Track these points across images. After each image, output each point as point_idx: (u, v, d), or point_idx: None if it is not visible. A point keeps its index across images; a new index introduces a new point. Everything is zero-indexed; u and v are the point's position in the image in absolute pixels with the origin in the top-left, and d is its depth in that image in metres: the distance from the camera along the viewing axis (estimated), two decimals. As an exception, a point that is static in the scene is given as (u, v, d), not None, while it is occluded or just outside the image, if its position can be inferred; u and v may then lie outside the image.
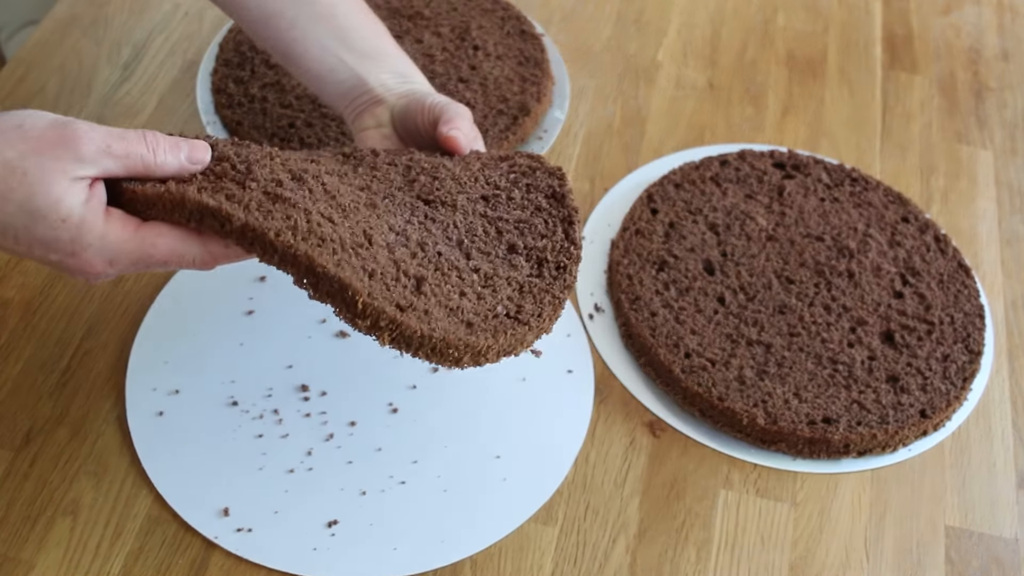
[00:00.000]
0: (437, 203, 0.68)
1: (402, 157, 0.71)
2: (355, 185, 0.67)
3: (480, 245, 0.67)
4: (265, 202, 0.59)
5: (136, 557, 0.70)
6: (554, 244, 0.68)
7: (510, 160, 0.73)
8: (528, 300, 0.65)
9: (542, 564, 0.72)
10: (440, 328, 0.60)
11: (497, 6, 1.06)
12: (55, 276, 0.84)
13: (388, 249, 0.63)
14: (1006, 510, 0.79)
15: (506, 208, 0.70)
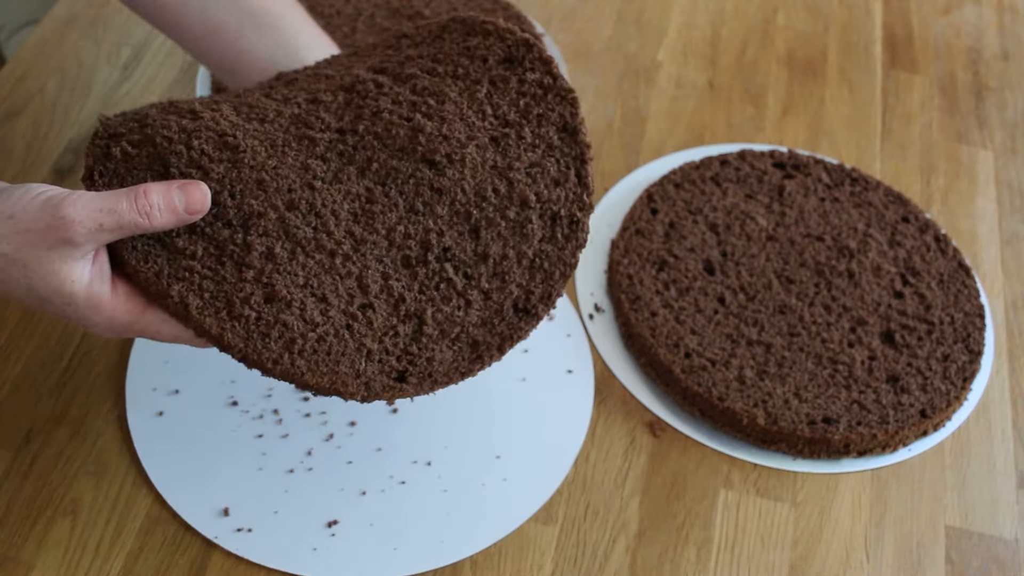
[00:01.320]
0: (444, 163, 0.63)
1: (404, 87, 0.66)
2: (352, 188, 0.63)
3: (490, 213, 0.64)
4: (264, 312, 0.59)
5: (136, 557, 0.70)
6: (567, 193, 0.65)
7: (519, 73, 0.67)
8: (538, 279, 0.64)
9: (542, 564, 0.72)
10: (442, 373, 0.61)
11: (497, 6, 1.06)
12: (55, 276, 0.84)
13: (388, 292, 0.62)
14: (1006, 510, 0.79)
15: (517, 151, 0.65)
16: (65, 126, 0.94)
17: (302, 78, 0.68)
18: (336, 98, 0.65)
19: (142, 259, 0.58)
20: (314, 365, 0.59)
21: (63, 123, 0.94)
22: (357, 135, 0.64)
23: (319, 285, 0.60)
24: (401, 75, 0.66)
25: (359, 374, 0.59)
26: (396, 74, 0.66)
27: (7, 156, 0.91)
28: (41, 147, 0.92)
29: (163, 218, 0.57)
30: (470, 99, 0.65)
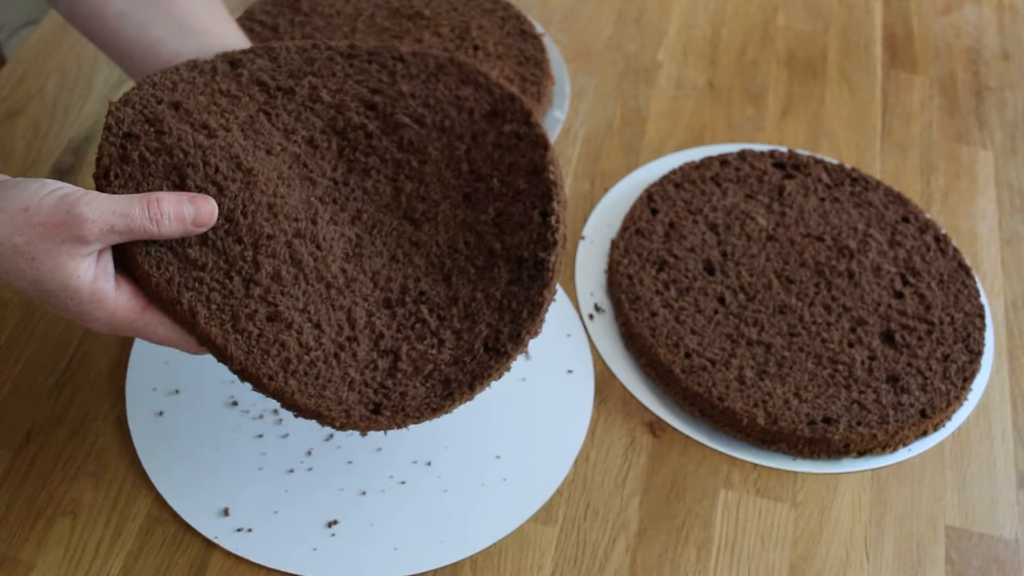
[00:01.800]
0: (423, 222, 0.69)
1: (392, 141, 0.70)
2: (345, 231, 0.67)
3: (460, 262, 0.68)
4: (266, 330, 0.61)
5: (136, 557, 0.70)
6: (531, 235, 0.67)
7: (498, 125, 0.71)
8: (507, 319, 0.66)
9: (542, 564, 0.72)
10: (414, 408, 0.63)
11: (497, 6, 1.06)
12: (55, 276, 0.84)
13: (370, 327, 0.65)
14: (1006, 510, 0.79)
15: (485, 203, 0.69)
16: (65, 126, 0.94)
17: (299, 89, 0.71)
18: (331, 145, 0.70)
19: (155, 265, 0.60)
20: (304, 387, 0.61)
21: (63, 123, 0.94)
22: (349, 187, 0.69)
23: (315, 312, 0.63)
24: (390, 120, 0.71)
25: (341, 401, 0.62)
26: (386, 117, 0.71)
27: (7, 156, 0.91)
28: (41, 147, 0.92)
29: (171, 227, 0.59)
30: (449, 157, 0.70)
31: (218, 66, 0.70)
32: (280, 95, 0.70)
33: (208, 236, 0.62)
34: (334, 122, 0.70)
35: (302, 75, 0.71)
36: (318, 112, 0.70)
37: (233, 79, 0.70)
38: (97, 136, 0.93)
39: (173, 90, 0.67)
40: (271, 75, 0.71)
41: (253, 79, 0.70)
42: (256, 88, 0.70)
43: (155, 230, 0.58)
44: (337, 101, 0.71)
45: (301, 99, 0.70)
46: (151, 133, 0.63)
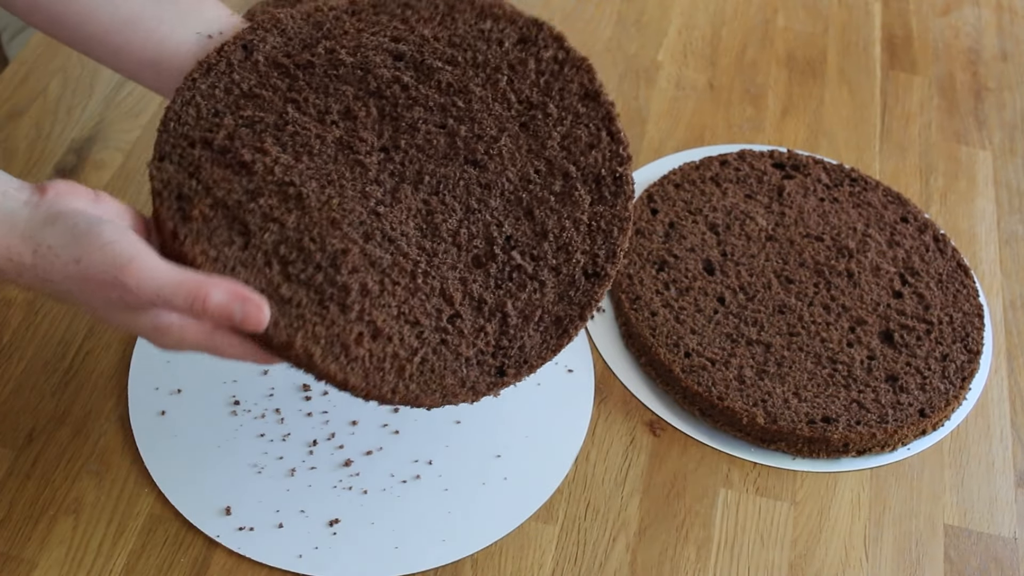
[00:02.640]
0: (485, 160, 0.67)
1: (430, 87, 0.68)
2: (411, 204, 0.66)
3: (538, 193, 0.67)
4: (374, 349, 0.62)
5: (138, 556, 0.70)
6: (603, 153, 0.68)
7: (535, 53, 0.70)
8: (599, 241, 0.67)
9: (543, 563, 0.73)
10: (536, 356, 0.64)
11: (498, 7, 1.06)
12: (57, 276, 0.84)
13: (469, 297, 0.65)
14: (1005, 509, 0.79)
15: (547, 129, 0.68)
16: (68, 126, 0.94)
17: (317, 60, 0.68)
18: (369, 110, 0.67)
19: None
20: (425, 386, 0.62)
21: (65, 123, 0.95)
22: (401, 150, 0.67)
23: (411, 309, 0.63)
24: (423, 67, 0.69)
25: (463, 382, 0.63)
26: (417, 65, 0.69)
27: (10, 156, 0.91)
28: (44, 147, 0.93)
29: (213, 320, 0.57)
30: (494, 90, 0.69)
31: (232, 57, 0.67)
32: (301, 73, 0.68)
33: (289, 272, 0.61)
34: (365, 83, 0.68)
35: (315, 42, 0.69)
36: (344, 78, 0.68)
37: (251, 69, 0.67)
38: (99, 137, 0.94)
39: (198, 120, 0.65)
40: (285, 52, 0.68)
41: (270, 62, 0.68)
42: (276, 73, 0.67)
43: (194, 317, 0.57)
44: (360, 60, 0.68)
45: (323, 69, 0.68)
46: (200, 190, 0.63)
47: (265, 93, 0.67)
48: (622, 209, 0.67)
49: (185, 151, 0.64)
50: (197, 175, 0.63)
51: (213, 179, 0.63)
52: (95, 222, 0.56)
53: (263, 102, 0.66)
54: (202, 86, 0.66)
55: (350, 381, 0.60)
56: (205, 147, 0.64)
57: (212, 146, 0.64)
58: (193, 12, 0.68)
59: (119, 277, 0.55)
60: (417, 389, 0.62)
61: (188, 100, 0.66)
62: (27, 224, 0.56)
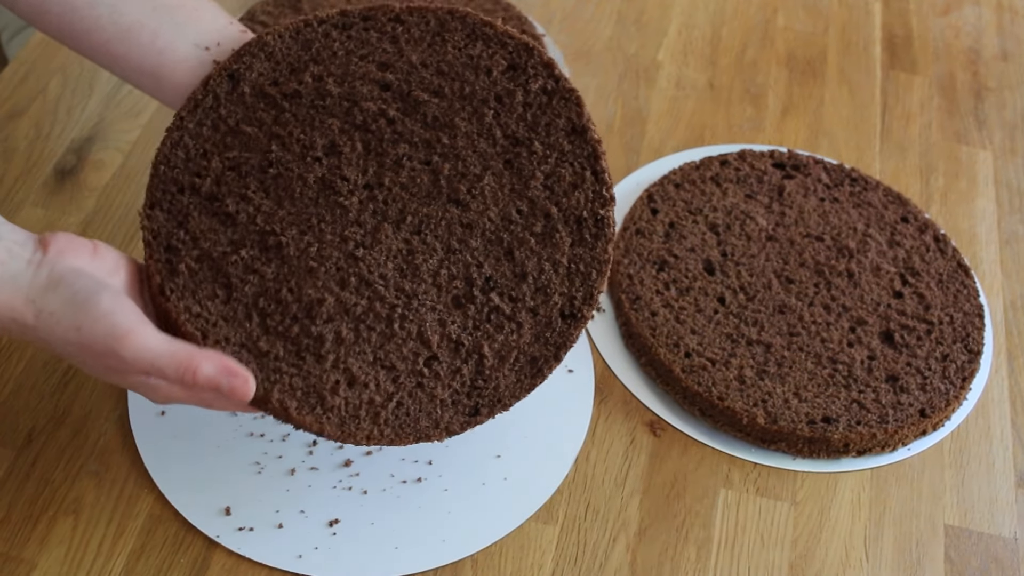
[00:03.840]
0: (469, 201, 0.67)
1: (416, 121, 0.67)
2: (392, 244, 0.66)
3: (519, 233, 0.67)
4: (350, 397, 0.64)
5: (138, 556, 0.70)
6: (586, 194, 0.68)
7: (523, 83, 0.68)
8: (577, 283, 0.67)
9: (543, 563, 0.73)
10: (509, 395, 0.66)
11: (498, 7, 1.06)
12: (57, 276, 0.84)
13: (446, 339, 0.65)
14: (1005, 509, 0.79)
15: (531, 167, 0.68)
16: (67, 126, 0.94)
17: (304, 89, 0.68)
18: (355, 145, 0.67)
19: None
20: (399, 429, 0.64)
21: (65, 123, 0.95)
22: (385, 188, 0.66)
23: (386, 355, 0.64)
24: (409, 99, 0.68)
25: (437, 423, 0.64)
26: (404, 97, 0.68)
27: (10, 156, 0.91)
28: (43, 147, 0.93)
29: (202, 389, 0.60)
30: (479, 125, 0.68)
31: (218, 90, 0.67)
32: (287, 104, 0.67)
33: (268, 324, 0.63)
34: (351, 116, 0.67)
35: (303, 67, 0.68)
36: (331, 109, 0.67)
37: (237, 102, 0.67)
38: (99, 137, 0.94)
39: (187, 163, 0.66)
40: (272, 79, 0.68)
41: (257, 92, 0.67)
42: (263, 104, 0.67)
43: (186, 387, 0.61)
44: (347, 90, 0.68)
45: (309, 99, 0.67)
46: (187, 241, 0.65)
47: (250, 129, 0.67)
48: (601, 252, 0.67)
49: (175, 198, 0.66)
50: (185, 225, 0.65)
51: (200, 229, 0.65)
52: (94, 291, 0.59)
53: (248, 140, 0.67)
54: (190, 125, 0.67)
55: (325, 430, 0.63)
56: (193, 194, 0.66)
57: (200, 193, 0.66)
58: (191, 23, 0.69)
59: (115, 348, 0.58)
60: (392, 433, 0.64)
61: (177, 141, 0.67)
62: (30, 287, 0.59)
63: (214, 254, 0.65)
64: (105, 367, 0.60)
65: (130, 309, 0.60)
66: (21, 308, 0.59)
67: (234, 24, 0.70)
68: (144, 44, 0.68)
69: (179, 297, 0.64)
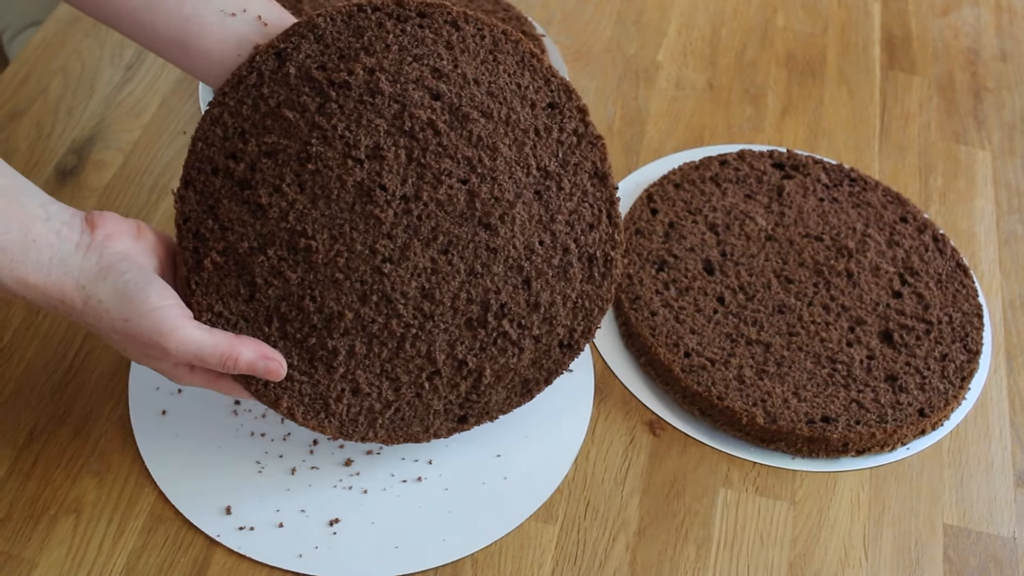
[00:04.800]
0: (497, 224, 0.67)
1: (461, 136, 0.66)
2: (419, 262, 0.66)
3: (539, 264, 0.69)
4: (352, 404, 0.68)
5: (139, 555, 0.71)
6: (601, 234, 0.70)
7: (559, 122, 0.70)
8: (580, 317, 0.71)
9: (542, 562, 0.73)
10: (496, 409, 0.70)
11: (498, 7, 1.06)
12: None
13: (452, 358, 0.68)
14: (1004, 509, 0.79)
15: (557, 202, 0.69)
16: (68, 127, 0.95)
17: (355, 80, 0.65)
18: (398, 152, 0.66)
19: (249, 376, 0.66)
20: (391, 432, 0.67)
21: (66, 124, 0.95)
22: (422, 202, 0.66)
23: (392, 369, 0.67)
24: (458, 113, 0.67)
25: (428, 428, 0.68)
26: (453, 110, 0.67)
27: (10, 156, 0.92)
28: (44, 148, 0.93)
29: (239, 371, 0.65)
30: (518, 153, 0.69)
31: (263, 68, 0.65)
32: (335, 92, 0.65)
33: (287, 330, 0.65)
34: (400, 120, 0.65)
35: (354, 55, 0.65)
36: (380, 109, 0.65)
37: (281, 82, 0.65)
38: (99, 137, 0.94)
39: (224, 142, 0.65)
40: (321, 63, 0.65)
41: (303, 75, 0.65)
42: (307, 88, 0.65)
43: (222, 371, 0.65)
44: (399, 91, 0.65)
45: (359, 93, 0.65)
46: (216, 231, 0.65)
47: (292, 115, 0.65)
48: (606, 291, 0.71)
49: (208, 179, 0.66)
50: (215, 211, 0.65)
51: (229, 218, 0.65)
52: (143, 284, 0.62)
53: (289, 126, 0.65)
54: (230, 102, 0.65)
55: (325, 431, 0.67)
56: (227, 178, 0.65)
57: (234, 177, 0.65)
58: None
59: (161, 343, 0.62)
60: (385, 435, 0.67)
61: (216, 118, 0.66)
62: (80, 272, 0.62)
63: (240, 249, 0.65)
64: (145, 354, 0.64)
65: (174, 303, 0.63)
66: (71, 293, 0.62)
67: None
68: (170, 11, 0.67)
69: (203, 293, 0.66)
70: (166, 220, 0.88)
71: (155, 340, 0.62)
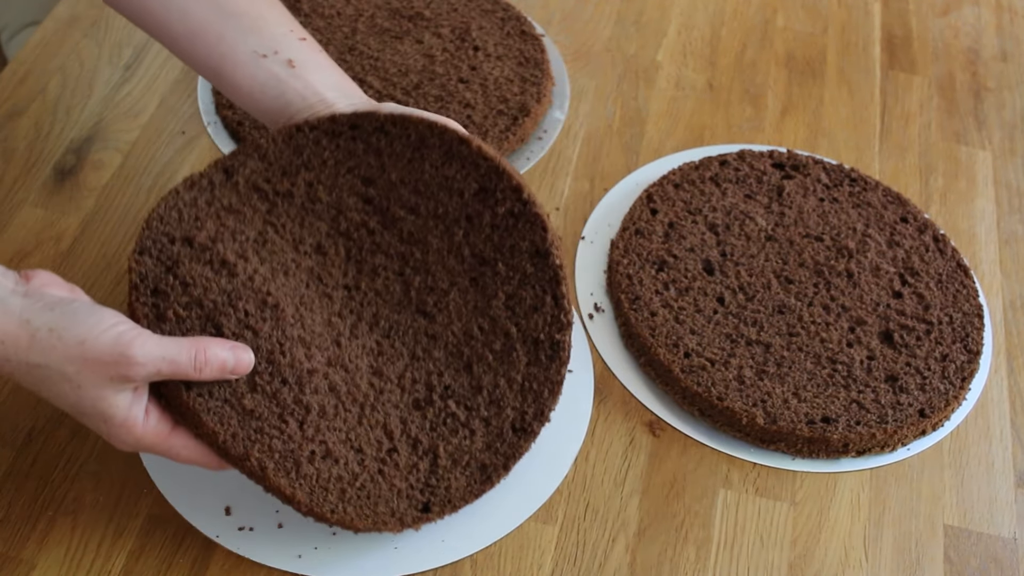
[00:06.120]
0: (435, 313, 0.71)
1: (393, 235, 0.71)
2: (366, 342, 0.70)
3: (478, 349, 0.71)
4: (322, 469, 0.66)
5: (137, 556, 0.70)
6: (545, 317, 0.71)
7: (492, 205, 0.71)
8: (529, 400, 0.71)
9: (542, 563, 0.73)
10: (459, 498, 0.69)
11: (497, 7, 1.06)
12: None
13: (407, 435, 0.69)
14: (1004, 509, 0.79)
15: (494, 287, 0.71)
16: (67, 126, 0.94)
17: (296, 191, 0.70)
18: (338, 250, 0.71)
19: (218, 421, 0.63)
20: (360, 510, 0.66)
21: (65, 123, 0.95)
22: (362, 292, 0.71)
23: (356, 437, 0.67)
24: (388, 214, 0.71)
25: (393, 512, 0.67)
26: (383, 212, 0.71)
27: (9, 156, 0.92)
28: (43, 147, 0.93)
29: (211, 374, 0.63)
30: (449, 243, 0.71)
31: (214, 178, 0.69)
32: (280, 200, 0.70)
33: (256, 382, 0.65)
34: (337, 223, 0.71)
35: (295, 171, 0.71)
36: (319, 214, 0.71)
37: (231, 190, 0.69)
38: (98, 137, 0.94)
39: (180, 222, 0.67)
40: (265, 178, 0.70)
41: (250, 185, 0.70)
42: (256, 196, 0.70)
43: (196, 376, 0.62)
44: (335, 199, 0.71)
45: (300, 201, 0.71)
46: (177, 287, 0.65)
47: (245, 211, 0.69)
48: (555, 373, 0.71)
49: (165, 247, 0.66)
50: (175, 270, 0.65)
51: (191, 276, 0.66)
52: (96, 308, 0.61)
53: (243, 218, 0.69)
54: (185, 196, 0.68)
55: (296, 496, 0.65)
56: (186, 244, 0.67)
57: (193, 244, 0.67)
58: (253, 31, 0.73)
59: (126, 352, 0.59)
60: (353, 512, 0.66)
61: (172, 205, 0.68)
62: (22, 310, 0.59)
63: (205, 303, 0.65)
64: (98, 382, 0.60)
65: (131, 323, 0.61)
66: (15, 330, 0.59)
67: (295, 31, 0.74)
68: (209, 45, 0.72)
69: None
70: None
71: (119, 352, 0.59)
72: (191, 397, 0.63)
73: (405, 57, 0.99)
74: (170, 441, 0.64)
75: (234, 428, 0.64)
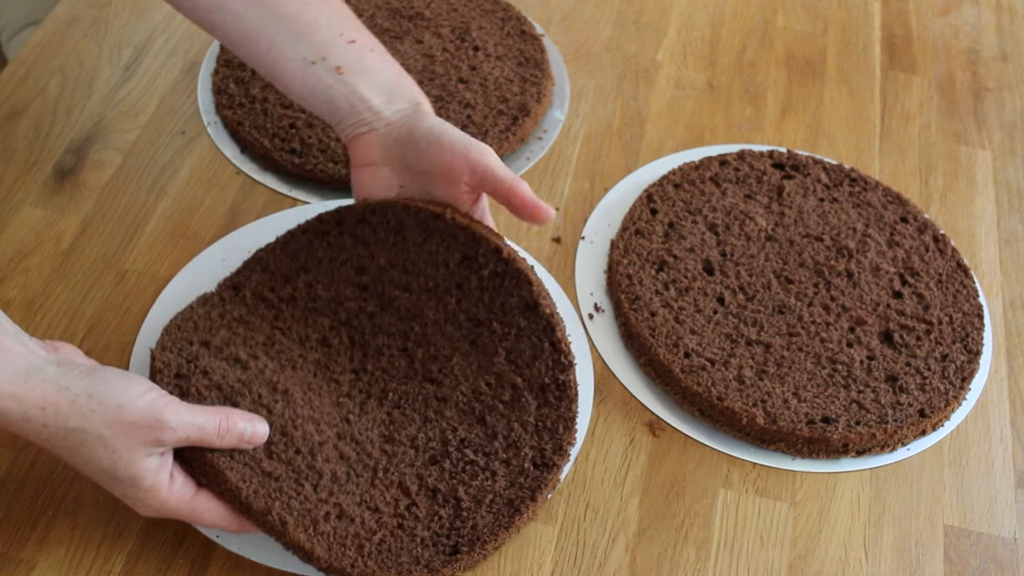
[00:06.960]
0: (442, 378, 0.74)
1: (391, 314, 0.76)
2: (376, 416, 0.74)
3: (488, 402, 0.74)
4: (338, 528, 0.68)
5: (137, 556, 0.70)
6: (546, 363, 0.73)
7: (476, 270, 0.74)
8: (546, 437, 0.72)
9: (542, 563, 0.73)
10: (488, 533, 0.69)
11: (497, 7, 1.06)
12: (56, 276, 0.84)
13: (424, 488, 0.71)
14: (1005, 509, 0.79)
15: (493, 345, 0.74)
16: (67, 126, 0.94)
17: (298, 294, 0.77)
18: (342, 339, 0.76)
19: (241, 478, 0.67)
20: (382, 563, 0.67)
21: (64, 123, 0.95)
22: (369, 372, 0.75)
23: (371, 498, 0.70)
24: (383, 297, 0.76)
25: (418, 560, 0.68)
26: (379, 295, 0.76)
27: (9, 156, 0.91)
28: (43, 147, 0.93)
29: (230, 441, 0.67)
30: (444, 312, 0.75)
31: (224, 295, 0.77)
32: (284, 305, 0.77)
33: (273, 450, 0.69)
34: (338, 315, 0.76)
35: (295, 275, 0.77)
36: (321, 310, 0.76)
37: (240, 303, 0.77)
38: (98, 137, 0.94)
39: (196, 330, 0.74)
40: (270, 287, 0.77)
41: (257, 296, 0.77)
42: (263, 305, 0.77)
43: (217, 443, 0.66)
44: (333, 293, 0.77)
45: (303, 303, 0.77)
46: (197, 373, 0.71)
47: (254, 320, 0.76)
48: (566, 410, 0.73)
49: (185, 346, 0.74)
50: (195, 362, 0.72)
51: (210, 367, 0.71)
52: (129, 375, 0.64)
53: (252, 326, 0.76)
54: (199, 311, 0.76)
55: (316, 551, 0.67)
56: (203, 346, 0.74)
57: (210, 346, 0.74)
58: (303, 36, 0.75)
59: (161, 417, 0.63)
60: (375, 566, 0.67)
61: (188, 318, 0.75)
62: (59, 377, 0.62)
63: (223, 386, 0.70)
64: (131, 445, 0.63)
65: (160, 389, 0.65)
66: (55, 396, 0.61)
67: (345, 34, 0.76)
68: (261, 51, 0.76)
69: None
70: (163, 221, 0.88)
71: (154, 417, 0.63)
72: (215, 457, 0.67)
73: (405, 57, 0.99)
74: (193, 504, 0.67)
75: (256, 485, 0.67)
